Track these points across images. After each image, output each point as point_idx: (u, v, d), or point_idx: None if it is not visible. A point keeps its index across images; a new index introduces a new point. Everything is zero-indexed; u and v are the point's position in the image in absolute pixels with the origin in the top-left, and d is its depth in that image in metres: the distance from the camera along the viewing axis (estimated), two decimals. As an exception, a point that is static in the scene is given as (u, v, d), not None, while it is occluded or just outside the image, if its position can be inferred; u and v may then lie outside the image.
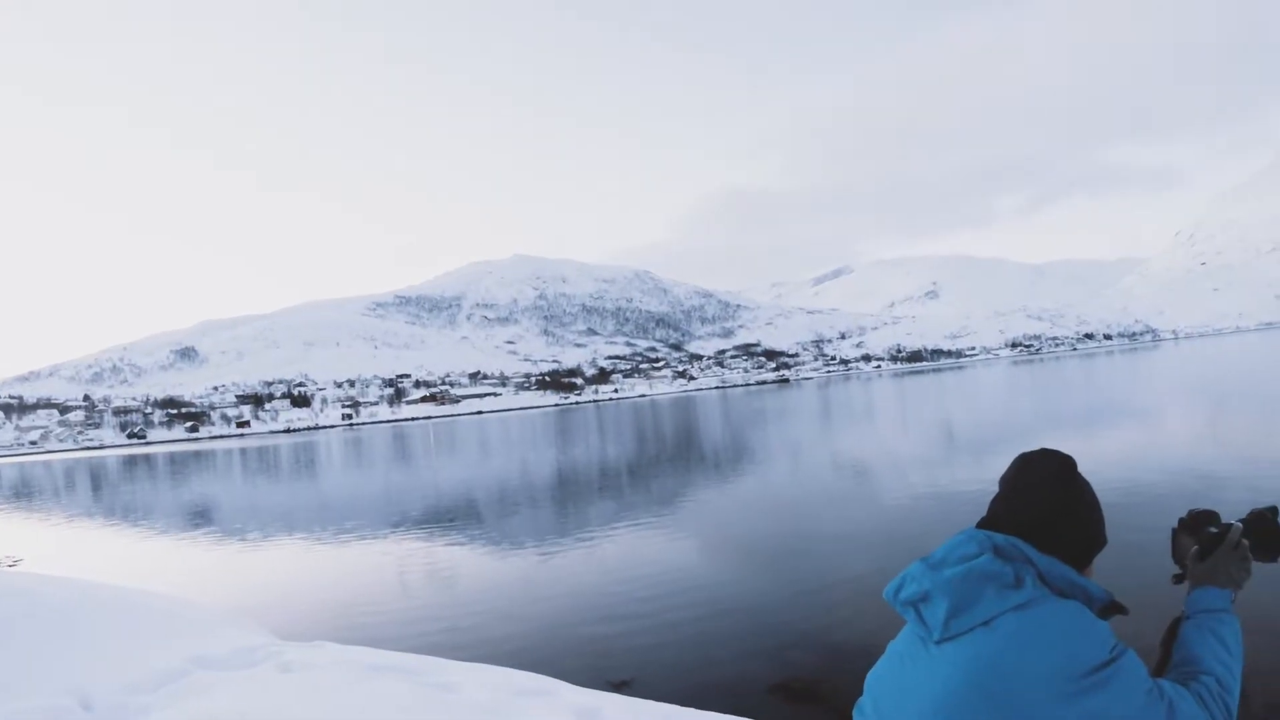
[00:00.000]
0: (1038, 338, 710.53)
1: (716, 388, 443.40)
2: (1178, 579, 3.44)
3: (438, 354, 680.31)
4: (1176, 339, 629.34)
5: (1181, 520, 3.41)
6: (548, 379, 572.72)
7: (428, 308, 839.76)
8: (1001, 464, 2.88)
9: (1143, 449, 32.24)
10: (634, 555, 21.10)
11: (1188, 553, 3.32)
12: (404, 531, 28.92)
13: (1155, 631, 3.15)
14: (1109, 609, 2.77)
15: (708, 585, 17.33)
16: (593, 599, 16.96)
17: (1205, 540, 3.22)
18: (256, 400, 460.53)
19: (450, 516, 32.15)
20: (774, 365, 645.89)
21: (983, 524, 2.91)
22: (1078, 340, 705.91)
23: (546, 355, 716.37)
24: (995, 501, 2.95)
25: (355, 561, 24.45)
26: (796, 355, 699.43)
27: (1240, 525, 3.26)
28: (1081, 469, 2.88)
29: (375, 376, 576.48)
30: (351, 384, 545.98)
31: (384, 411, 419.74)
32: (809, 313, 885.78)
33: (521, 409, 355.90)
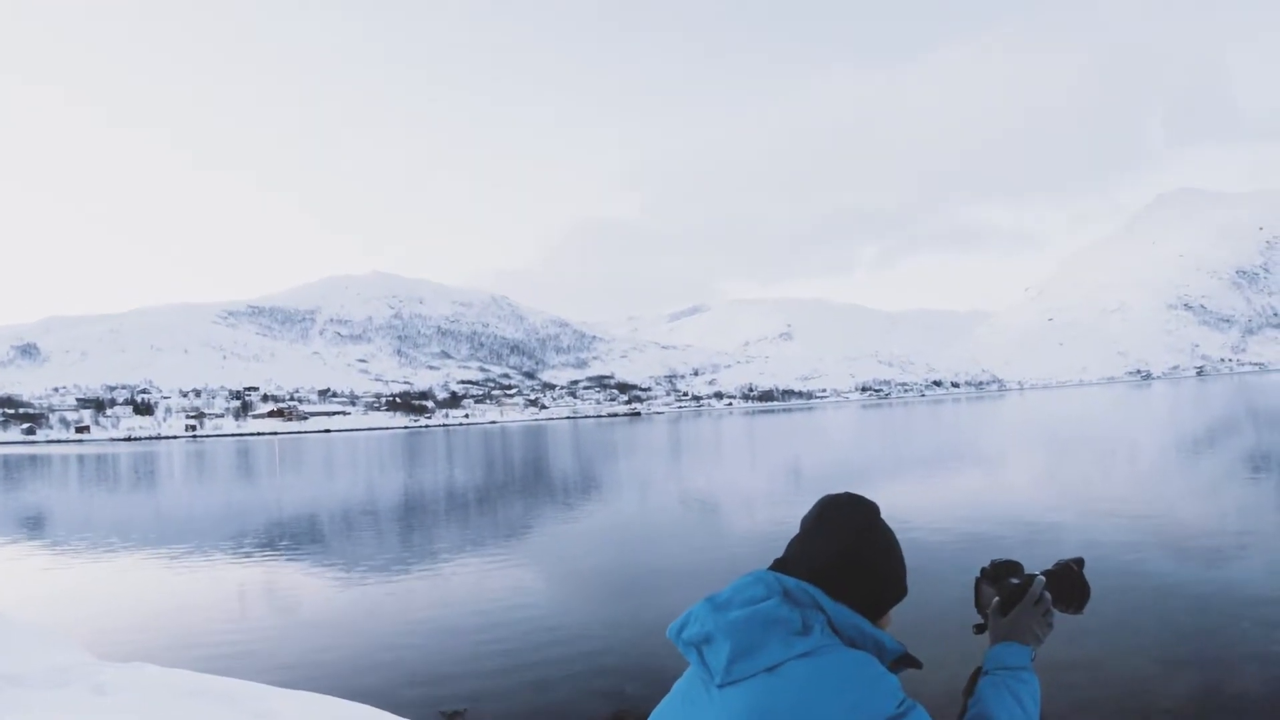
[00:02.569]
0: (887, 383, 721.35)
1: (568, 418, 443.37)
2: (979, 629, 3.44)
3: (288, 368, 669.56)
4: (1021, 389, 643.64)
5: (984, 570, 3.42)
6: (398, 400, 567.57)
7: (281, 319, 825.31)
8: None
9: (960, 496, 33.06)
10: (475, 585, 20.98)
11: (990, 603, 3.33)
12: (240, 552, 28.38)
13: (957, 680, 3.12)
14: (902, 661, 2.67)
15: (548, 617, 17.29)
16: (430, 628, 16.77)
17: (1007, 592, 3.22)
18: (98, 405, 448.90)
19: (290, 538, 31.71)
20: (626, 398, 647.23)
21: (777, 565, 2.81)
22: (926, 387, 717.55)
23: (399, 376, 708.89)
24: (792, 543, 2.86)
25: (185, 580, 23.94)
26: (649, 389, 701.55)
27: (1042, 579, 3.30)
28: (897, 514, 3.21)
29: (222, 387, 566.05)
30: (198, 394, 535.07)
31: (229, 425, 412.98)
32: (664, 348, 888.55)
33: (370, 429, 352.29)
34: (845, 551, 2.72)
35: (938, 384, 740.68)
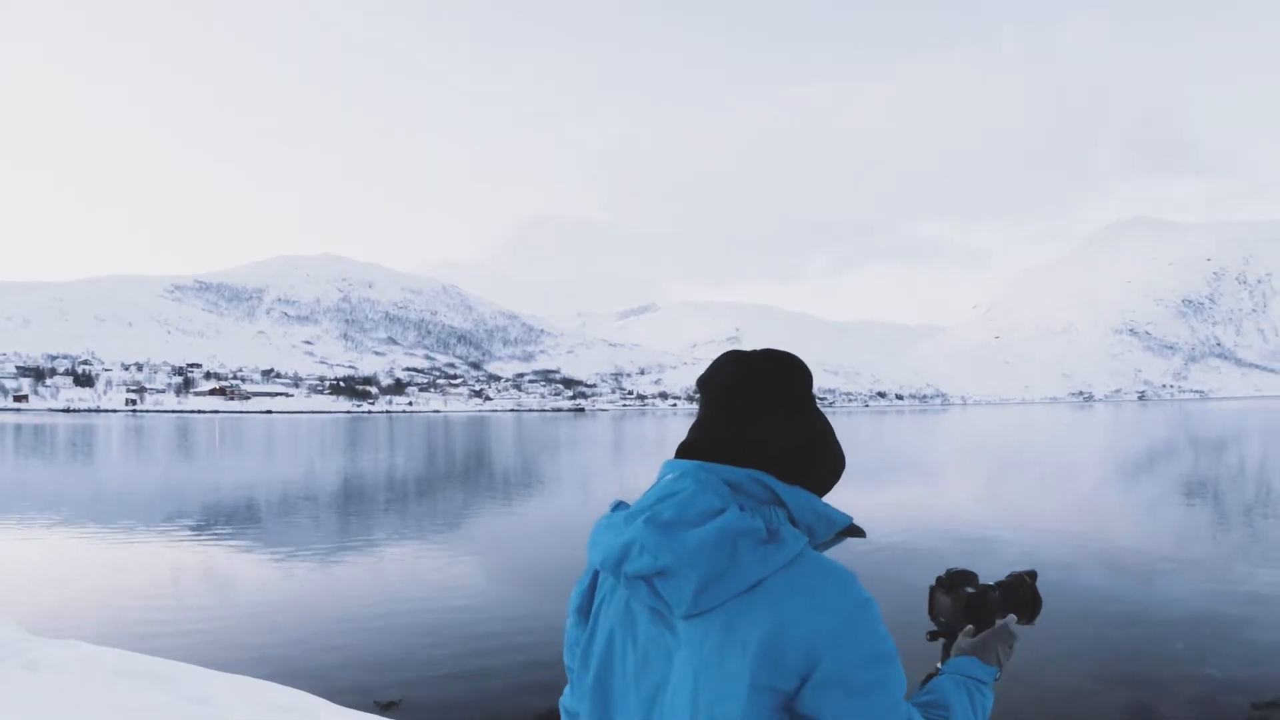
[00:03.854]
0: (832, 391, 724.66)
1: (511, 410, 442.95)
2: (933, 636, 3.42)
3: (232, 346, 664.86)
4: (965, 405, 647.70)
5: (939, 579, 3.34)
6: (343, 384, 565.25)
7: (228, 297, 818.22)
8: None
9: (908, 507, 33.14)
10: (413, 574, 20.87)
11: (944, 610, 3.29)
12: (179, 532, 28.01)
13: (910, 686, 2.60)
14: (848, 532, 2.44)
15: (486, 608, 17.23)
16: (367, 616, 16.64)
17: (963, 601, 3.21)
18: (38, 374, 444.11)
19: (229, 520, 31.32)
20: (571, 394, 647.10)
21: (691, 449, 2.42)
22: (870, 398, 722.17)
23: (344, 360, 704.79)
24: (712, 419, 2.43)
25: (122, 558, 23.61)
26: (595, 386, 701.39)
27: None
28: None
29: (165, 363, 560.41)
30: (140, 368, 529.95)
31: (170, 401, 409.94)
32: (612, 345, 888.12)
33: (313, 412, 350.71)
34: (798, 427, 2.42)
35: (882, 395, 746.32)
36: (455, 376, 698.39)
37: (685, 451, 2.42)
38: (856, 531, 2.44)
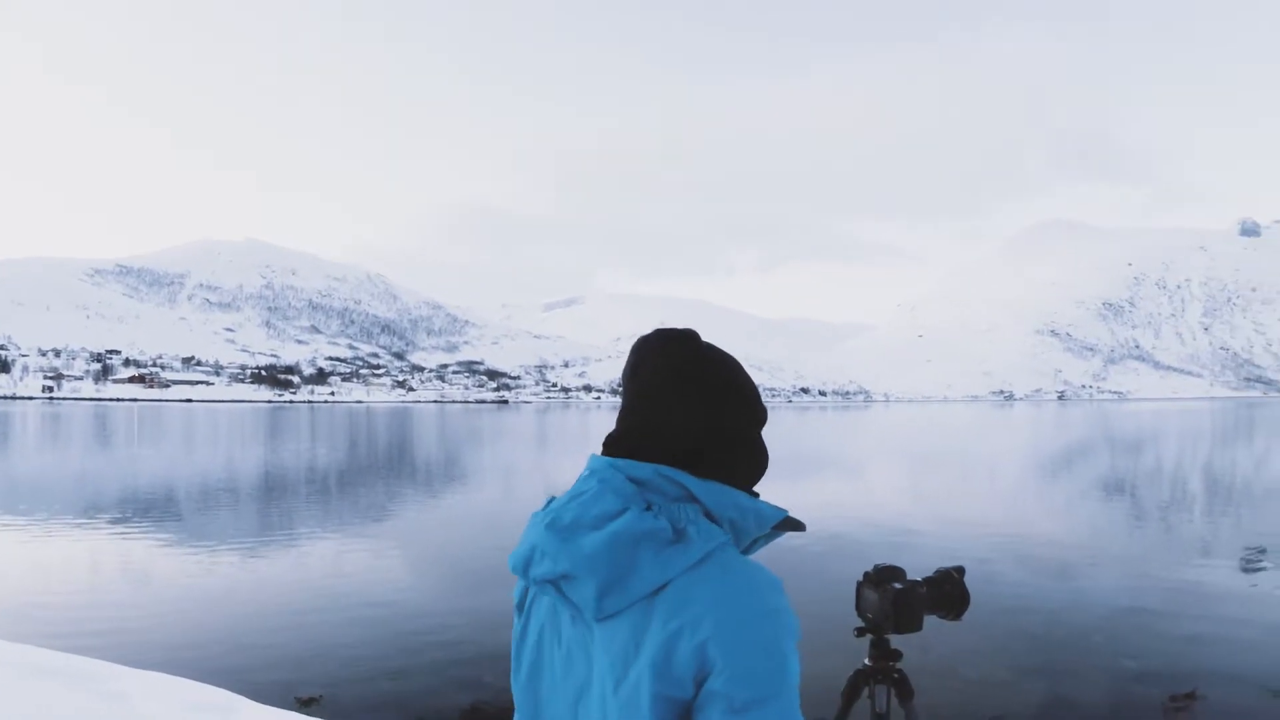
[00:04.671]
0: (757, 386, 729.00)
1: (435, 402, 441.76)
2: (860, 632, 3.50)
3: (153, 332, 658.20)
4: (887, 402, 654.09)
5: (866, 574, 3.42)
6: (264, 373, 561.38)
7: (149, 281, 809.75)
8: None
9: (833, 502, 33.14)
10: (334, 569, 20.58)
11: (871, 606, 3.35)
12: (94, 524, 27.32)
13: (837, 682, 3.23)
14: (784, 525, 2.29)
15: (408, 604, 16.96)
16: (287, 611, 16.32)
17: (891, 597, 3.26)
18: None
19: (146, 512, 30.60)
20: (495, 386, 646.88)
21: (616, 443, 2.31)
22: (794, 394, 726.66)
23: (266, 348, 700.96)
24: (627, 411, 2.34)
25: (32, 551, 23.01)
26: (519, 378, 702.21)
27: (926, 590, 3.37)
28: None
29: (84, 349, 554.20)
30: (57, 354, 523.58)
31: (88, 388, 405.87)
32: (536, 337, 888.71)
33: (234, 402, 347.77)
34: (708, 417, 2.26)
35: (805, 391, 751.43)
36: (378, 367, 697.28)
37: (606, 444, 2.34)
38: (795, 525, 2.32)
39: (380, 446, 72.32)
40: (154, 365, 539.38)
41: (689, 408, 2.24)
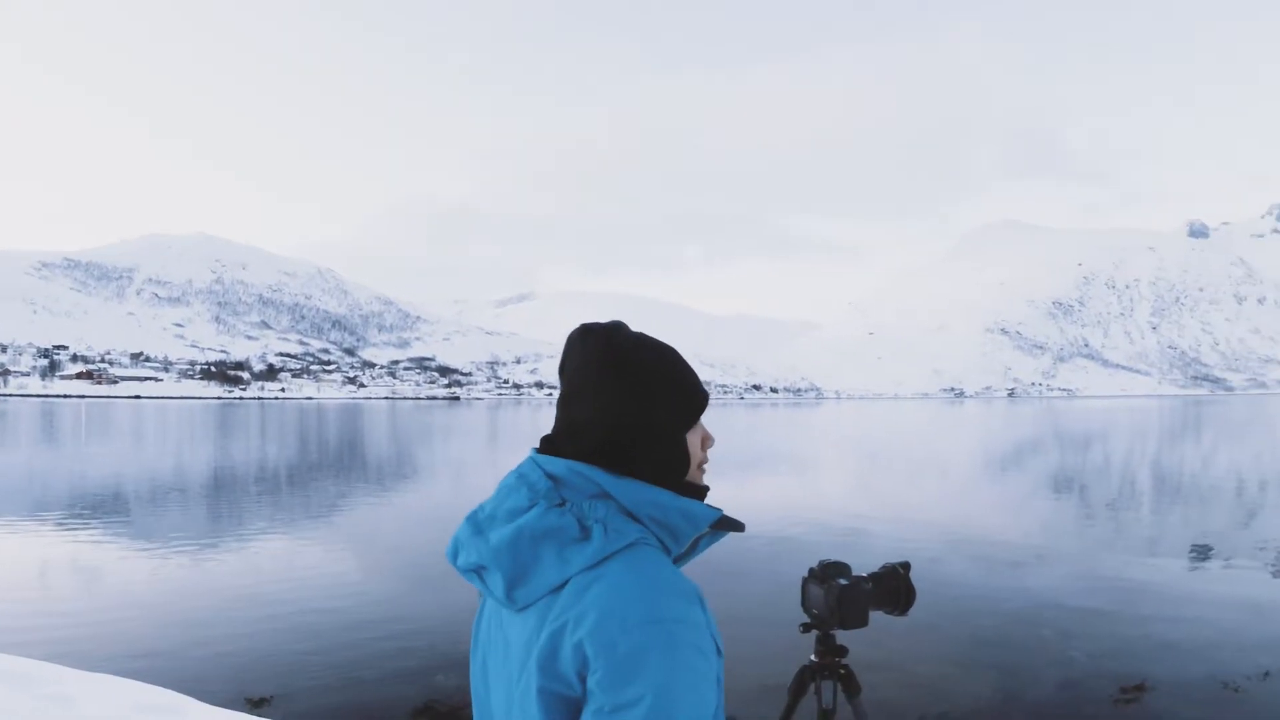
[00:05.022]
0: (707, 384, 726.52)
1: (386, 398, 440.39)
2: (805, 628, 3.50)
3: (101, 328, 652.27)
4: (838, 399, 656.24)
5: (811, 570, 3.41)
6: (214, 369, 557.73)
7: (97, 276, 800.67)
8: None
9: (783, 498, 33.32)
10: (285, 568, 20.34)
11: (817, 602, 3.35)
12: (40, 523, 27.05)
13: (783, 678, 3.18)
14: (721, 525, 2.27)
15: (360, 602, 16.79)
16: (237, 611, 16.07)
17: (835, 593, 3.25)
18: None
19: (93, 511, 30.15)
20: (447, 382, 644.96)
21: (545, 441, 2.36)
22: (745, 390, 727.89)
23: (216, 344, 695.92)
24: (557, 409, 2.37)
25: (-24, 547, 22.55)
26: (470, 374, 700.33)
27: (872, 586, 3.38)
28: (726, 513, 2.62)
29: (30, 344, 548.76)
30: (3, 349, 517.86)
31: (34, 384, 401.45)
32: (488, 333, 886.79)
33: (184, 398, 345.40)
34: (609, 414, 2.24)
35: (757, 388, 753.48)
36: (329, 363, 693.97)
37: (540, 440, 2.37)
38: (732, 525, 2.30)
39: (331, 444, 71.88)
40: (102, 361, 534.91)
41: (606, 402, 2.23)
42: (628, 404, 2.23)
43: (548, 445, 2.33)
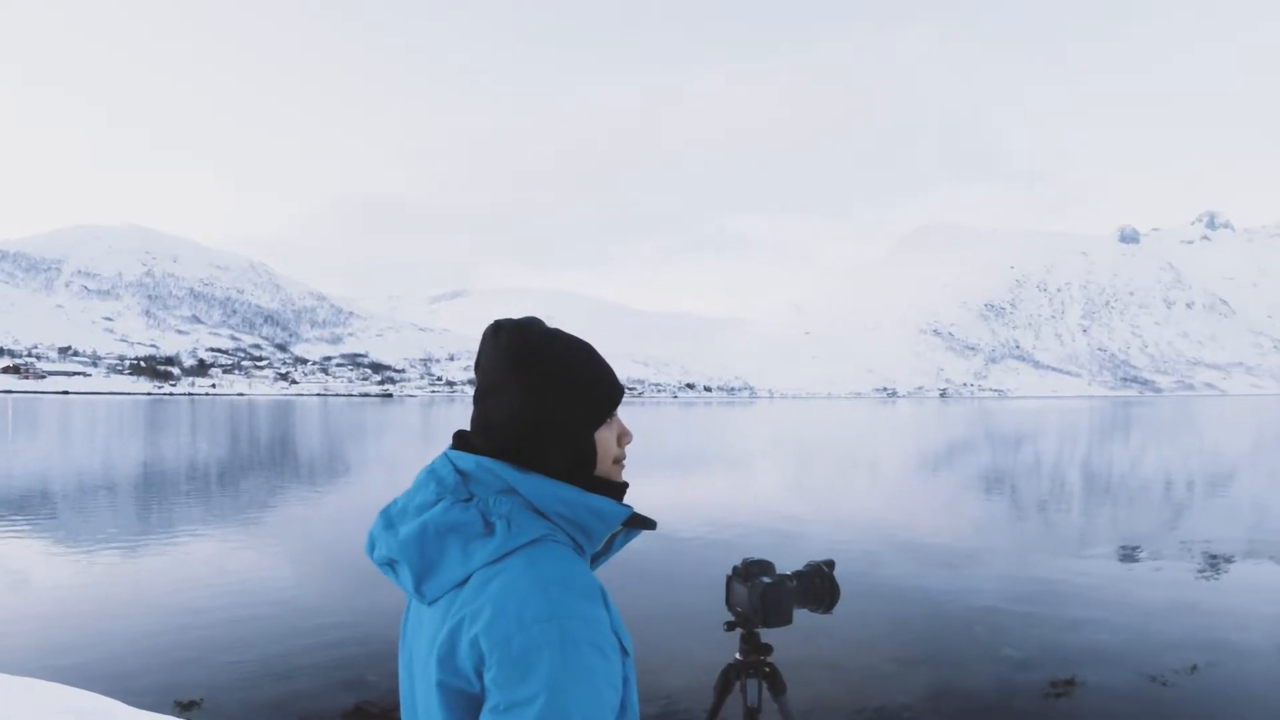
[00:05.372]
0: (642, 382, 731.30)
1: (318, 395, 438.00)
2: (730, 626, 3.49)
3: (28, 320, 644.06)
4: (772, 398, 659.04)
5: (735, 568, 3.41)
6: (144, 364, 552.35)
7: (25, 267, 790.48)
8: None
9: (712, 497, 33.58)
10: (216, 568, 20.00)
11: (741, 600, 3.34)
12: (-41, 520, 26.42)
13: (709, 676, 3.21)
14: (632, 523, 2.31)
15: (291, 603, 16.55)
16: (168, 611, 15.79)
17: (759, 591, 3.24)
18: None
19: (19, 510, 29.67)
20: (380, 379, 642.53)
21: (457, 437, 2.38)
22: (680, 389, 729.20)
23: (146, 338, 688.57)
24: (474, 402, 2.38)
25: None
26: (404, 371, 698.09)
27: (796, 584, 3.38)
28: (650, 513, 2.94)
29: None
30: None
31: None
32: (422, 330, 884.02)
33: (112, 394, 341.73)
34: (517, 409, 2.25)
35: (691, 387, 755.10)
36: (261, 358, 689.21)
37: (453, 436, 2.39)
38: (643, 522, 2.32)
39: (262, 441, 71.31)
40: (29, 355, 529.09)
41: (516, 397, 2.23)
42: (538, 399, 2.23)
43: (461, 441, 2.34)
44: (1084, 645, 13.64)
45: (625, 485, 2.41)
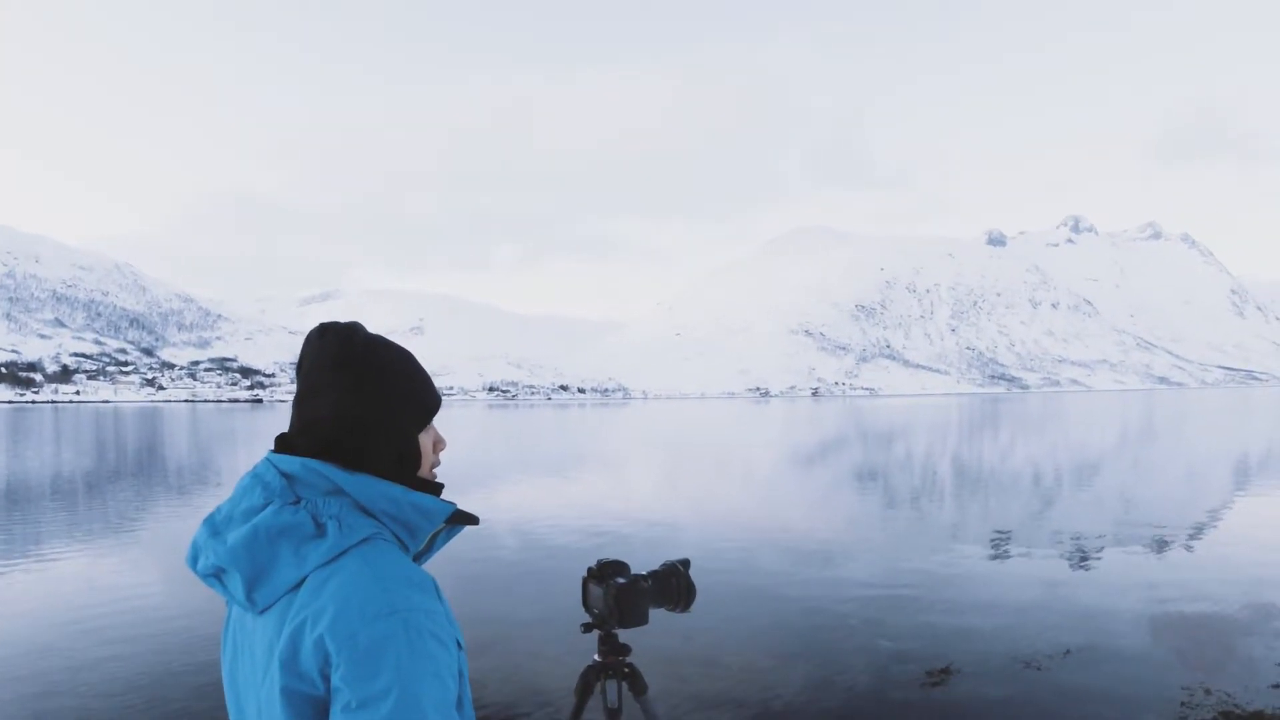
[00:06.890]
0: (515, 384, 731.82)
1: (186, 401, 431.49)
2: (586, 627, 3.54)
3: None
4: (645, 399, 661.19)
5: (590, 569, 3.47)
6: (4, 371, 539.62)
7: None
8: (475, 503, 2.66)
9: (573, 498, 33.28)
10: (83, 586, 19.03)
11: (596, 601, 3.40)
12: None
13: (568, 679, 3.07)
14: (455, 519, 2.37)
15: (161, 621, 15.67)
16: (30, 633, 14.91)
17: (614, 591, 3.31)
18: None
19: None
20: (249, 384, 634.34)
21: (280, 440, 2.37)
22: (553, 390, 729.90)
23: (6, 343, 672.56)
24: (293, 407, 2.39)
25: None
26: (274, 376, 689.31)
27: (651, 584, 3.43)
28: (511, 515, 2.95)
29: None
30: None
31: None
32: (292, 333, 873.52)
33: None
34: (342, 404, 2.29)
35: (565, 388, 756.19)
36: (127, 363, 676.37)
37: (275, 439, 2.39)
38: (467, 518, 2.39)
39: (129, 451, 69.41)
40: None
41: (337, 399, 2.27)
42: (361, 401, 2.27)
43: (283, 444, 2.34)
44: (959, 634, 13.63)
45: (442, 485, 2.44)
